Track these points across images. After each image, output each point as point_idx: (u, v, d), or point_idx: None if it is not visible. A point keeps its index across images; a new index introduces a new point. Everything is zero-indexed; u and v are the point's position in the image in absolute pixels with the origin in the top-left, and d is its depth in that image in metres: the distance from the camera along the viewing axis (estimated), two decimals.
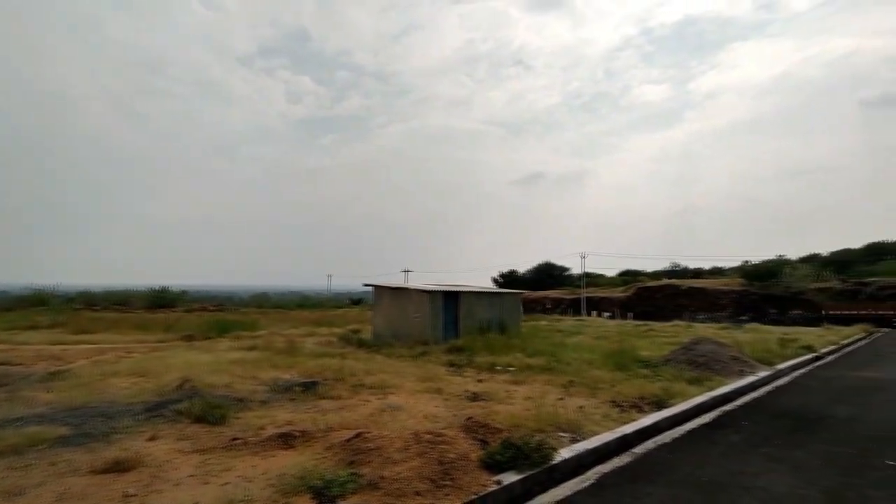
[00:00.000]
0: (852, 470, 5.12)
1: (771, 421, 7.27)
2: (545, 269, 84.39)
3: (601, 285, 72.67)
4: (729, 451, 5.69)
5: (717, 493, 4.39)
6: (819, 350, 16.40)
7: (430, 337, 16.13)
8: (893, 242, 55.69)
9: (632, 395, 8.17)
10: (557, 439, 5.57)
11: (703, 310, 49.83)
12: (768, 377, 11.08)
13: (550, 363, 11.55)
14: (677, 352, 12.74)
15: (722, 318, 42.07)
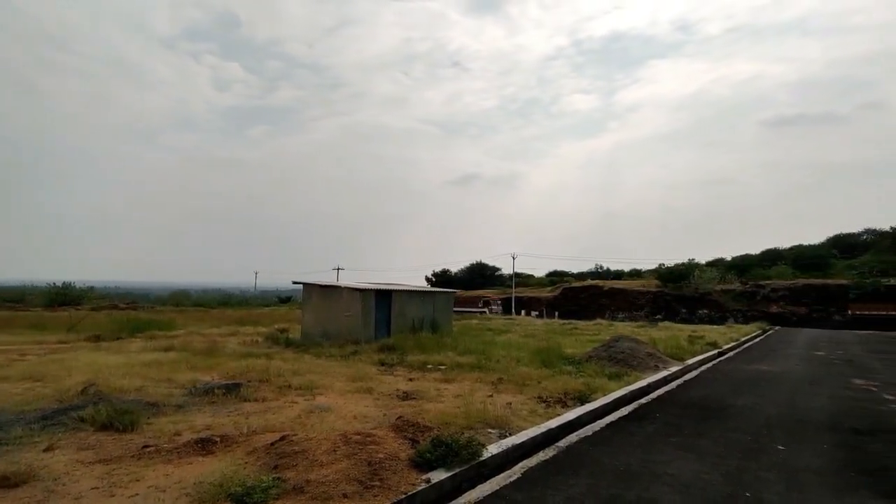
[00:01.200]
0: (749, 455, 5.64)
1: (680, 412, 7.84)
2: (477, 268, 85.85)
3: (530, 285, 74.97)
4: (644, 442, 6.07)
5: (632, 481, 4.66)
6: (722, 346, 17.93)
7: (362, 336, 15.89)
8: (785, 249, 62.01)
9: (557, 391, 8.49)
10: (486, 436, 5.68)
11: (623, 309, 52.87)
12: (679, 371, 11.94)
13: (480, 361, 11.76)
14: (599, 349, 13.41)
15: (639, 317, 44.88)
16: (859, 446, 6.10)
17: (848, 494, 4.50)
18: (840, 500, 4.35)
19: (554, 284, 69.72)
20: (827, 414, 7.88)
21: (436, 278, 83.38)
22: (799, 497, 4.40)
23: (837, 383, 11.05)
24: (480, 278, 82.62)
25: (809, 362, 14.97)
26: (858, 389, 10.30)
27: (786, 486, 4.67)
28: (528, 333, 21.75)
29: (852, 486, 4.72)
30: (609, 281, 65.53)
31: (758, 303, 46.73)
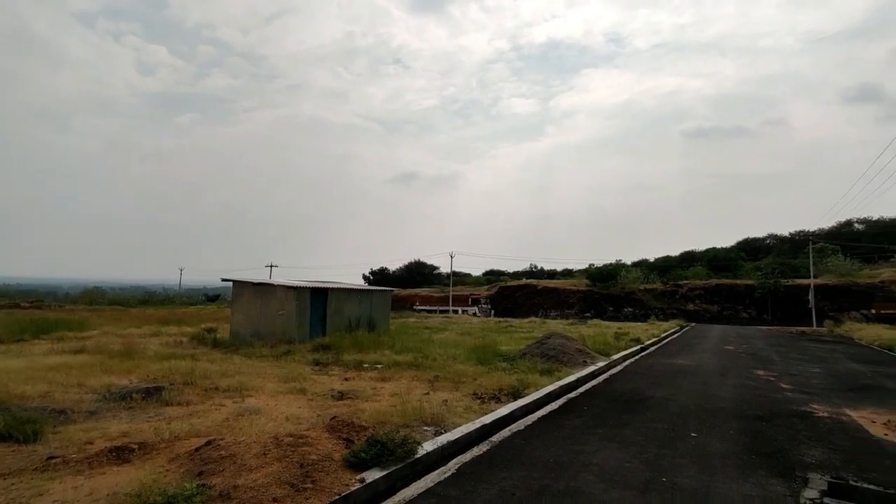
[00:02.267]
0: (666, 442, 6.05)
1: (606, 405, 8.27)
2: (416, 267, 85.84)
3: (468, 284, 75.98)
4: (572, 434, 6.35)
5: (561, 472, 4.87)
6: (645, 342, 19.08)
7: (296, 335, 15.44)
8: (701, 251, 66.92)
9: (492, 388, 8.69)
10: (422, 433, 5.71)
11: (556, 307, 54.86)
12: (605, 366, 12.58)
13: (418, 359, 11.79)
14: (532, 346, 13.86)
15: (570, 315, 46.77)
16: (760, 431, 6.73)
17: (750, 475, 4.95)
18: (743, 480, 4.78)
19: (491, 283, 71.06)
20: (733, 403, 8.62)
21: (373, 276, 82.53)
22: (708, 479, 4.78)
23: (743, 374, 12.10)
24: (419, 277, 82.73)
25: (720, 356, 16.28)
26: (760, 380, 11.34)
27: (697, 469, 5.06)
28: (465, 331, 22.05)
29: (753, 466, 5.19)
30: (543, 280, 67.75)
31: (676, 301, 50.11)
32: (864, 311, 38.92)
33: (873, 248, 48.92)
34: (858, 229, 59.15)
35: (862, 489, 4.58)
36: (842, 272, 45.49)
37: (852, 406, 8.51)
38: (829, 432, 6.77)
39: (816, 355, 16.96)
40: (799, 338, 25.75)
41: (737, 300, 47.78)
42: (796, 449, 5.91)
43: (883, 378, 11.93)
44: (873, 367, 14.17)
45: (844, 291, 42.31)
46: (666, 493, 4.39)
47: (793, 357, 16.24)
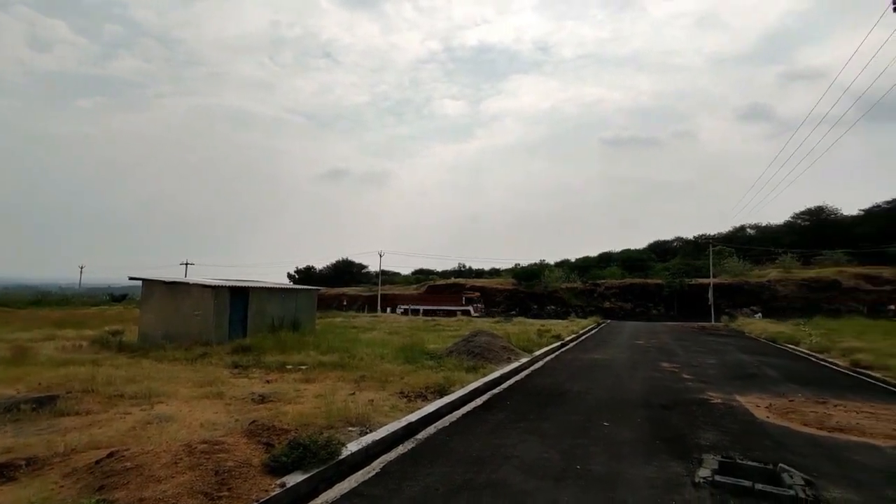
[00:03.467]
0: (581, 433, 6.42)
1: (527, 399, 8.61)
2: (344, 266, 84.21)
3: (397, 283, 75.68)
4: (495, 429, 6.56)
5: (483, 466, 5.02)
6: (565, 338, 20.03)
7: (213, 337, 14.63)
8: (617, 252, 71.26)
9: (418, 386, 8.75)
10: (347, 434, 5.65)
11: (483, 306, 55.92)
12: (528, 362, 13.06)
13: (344, 360, 11.60)
14: (459, 344, 14.09)
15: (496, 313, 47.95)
16: (663, 419, 7.32)
17: (653, 459, 5.38)
18: (647, 464, 5.19)
19: (420, 282, 71.26)
20: (642, 393, 9.29)
21: (299, 275, 79.95)
22: (617, 465, 5.14)
23: (650, 367, 13.06)
24: (347, 275, 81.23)
25: (631, 350, 17.45)
26: (665, 371, 12.30)
27: (608, 457, 5.42)
28: (393, 330, 21.98)
29: (656, 451, 5.65)
30: (471, 279, 68.97)
31: (595, 299, 53.00)
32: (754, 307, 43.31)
33: (762, 251, 54.60)
34: (750, 234, 65.66)
35: (746, 466, 5.13)
36: (736, 272, 50.32)
37: (741, 392, 9.48)
38: (721, 417, 7.50)
39: (713, 348, 18.66)
40: (699, 332, 28.18)
41: (648, 298, 51.38)
42: (694, 433, 6.50)
43: (766, 367, 13.38)
44: (759, 357, 15.85)
45: (738, 290, 46.82)
46: (579, 480, 4.67)
47: (694, 350, 17.75)
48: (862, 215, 56.89)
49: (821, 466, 5.31)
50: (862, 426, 7.10)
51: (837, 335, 19.81)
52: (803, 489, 4.50)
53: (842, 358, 14.62)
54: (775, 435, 6.57)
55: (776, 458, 5.40)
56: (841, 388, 10.33)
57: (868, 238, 49.49)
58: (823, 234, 55.33)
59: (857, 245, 49.23)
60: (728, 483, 4.63)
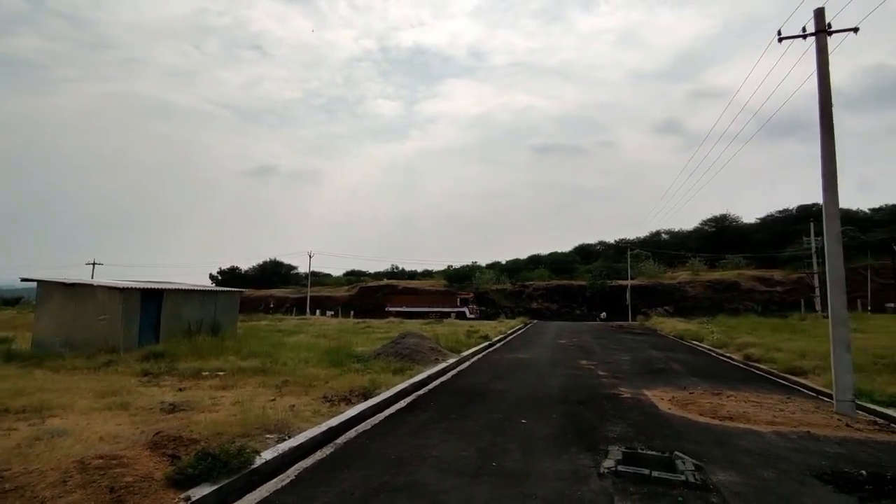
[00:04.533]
0: (499, 430, 6.63)
1: (451, 399, 8.76)
2: (271, 266, 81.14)
3: (327, 284, 74.02)
4: (416, 430, 6.62)
5: (402, 467, 5.07)
6: (492, 338, 20.55)
7: (121, 343, 13.59)
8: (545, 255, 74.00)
9: (343, 389, 8.64)
10: (263, 441, 5.49)
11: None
12: (455, 363, 13.28)
13: (266, 364, 11.20)
14: (387, 346, 14.06)
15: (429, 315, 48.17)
16: (578, 414, 7.73)
17: (564, 452, 5.67)
18: (558, 458, 5.46)
19: (351, 284, 70.13)
20: (559, 390, 9.75)
21: (222, 276, 76.09)
22: (530, 460, 5.37)
23: (570, 365, 13.72)
24: (275, 277, 78.33)
25: (554, 349, 18.22)
26: (583, 369, 12.97)
27: (523, 452, 5.65)
28: (321, 333, 21.50)
29: (568, 445, 5.96)
30: (404, 281, 68.89)
31: (523, 300, 54.73)
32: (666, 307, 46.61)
33: (674, 255, 58.91)
34: (665, 238, 70.60)
35: (646, 455, 5.54)
36: (651, 274, 53.96)
37: (649, 387, 10.20)
38: (629, 410, 8.04)
39: (629, 346, 19.91)
40: (617, 331, 29.92)
41: (572, 299, 53.81)
42: (603, 426, 6.92)
43: (673, 362, 14.48)
44: (668, 353, 17.12)
45: (653, 290, 50.21)
46: (493, 477, 4.84)
47: (611, 348, 18.84)
48: (758, 223, 62.93)
49: (711, 452, 5.83)
50: (748, 414, 7.88)
51: (735, 332, 21.79)
52: (693, 474, 4.95)
53: (737, 353, 16.10)
54: (675, 425, 7.14)
55: (674, 447, 5.88)
56: (735, 381, 11.39)
57: (763, 244, 54.85)
58: (726, 240, 60.64)
59: (755, 250, 54.41)
60: (629, 472, 4.99)
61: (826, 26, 9.21)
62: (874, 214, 55.43)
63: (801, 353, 13.57)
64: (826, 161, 8.85)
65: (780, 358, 13.39)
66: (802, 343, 16.08)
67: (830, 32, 9.21)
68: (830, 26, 9.23)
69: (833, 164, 8.82)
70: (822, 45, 9.19)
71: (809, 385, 10.58)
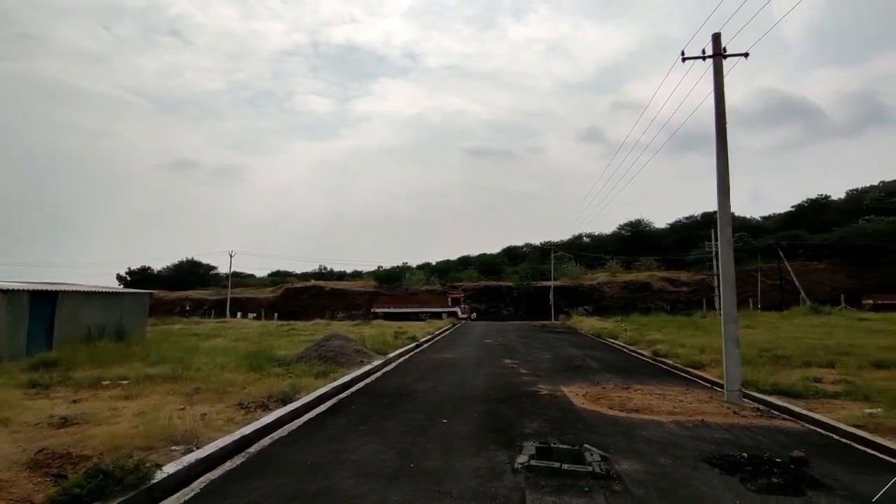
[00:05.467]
0: (420, 431, 6.67)
1: (374, 401, 8.70)
2: (188, 267, 76.35)
3: (251, 285, 70.88)
4: (336, 434, 6.51)
5: (317, 474, 4.95)
6: (420, 339, 20.61)
7: (4, 351, 12.20)
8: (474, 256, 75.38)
9: (261, 395, 8.30)
10: (168, 454, 5.15)
11: (344, 309, 55.08)
12: (381, 364, 13.18)
13: (177, 371, 10.51)
14: (310, 349, 13.68)
15: (357, 316, 47.50)
16: (498, 412, 7.94)
17: (482, 450, 5.81)
18: (476, 456, 5.58)
19: (276, 285, 67.57)
20: (483, 389, 9.97)
21: (131, 277, 70.49)
22: (449, 459, 5.44)
23: (494, 364, 14.07)
24: (192, 277, 73.73)
25: (479, 349, 18.61)
26: (506, 367, 13.36)
27: (442, 452, 5.72)
28: (240, 337, 20.51)
29: (486, 443, 6.11)
30: (332, 281, 67.37)
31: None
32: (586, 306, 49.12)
33: (594, 257, 62.22)
34: (586, 241, 74.36)
35: (559, 449, 5.80)
36: (573, 276, 56.64)
37: (566, 383, 10.69)
38: (546, 406, 8.38)
39: (550, 344, 20.76)
40: (540, 330, 31.10)
41: (500, 299, 55.24)
42: (521, 423, 7.17)
43: (589, 359, 15.28)
44: (585, 350, 18.04)
45: (575, 291, 52.70)
46: (411, 478, 4.85)
47: (533, 347, 19.54)
48: (668, 228, 67.92)
49: (617, 443, 6.22)
50: (652, 406, 8.49)
51: (646, 329, 23.38)
52: (600, 465, 5.25)
53: (647, 349, 17.28)
54: (587, 419, 7.54)
55: (585, 440, 6.20)
56: (643, 375, 12.22)
57: (672, 247, 59.30)
58: (641, 243, 64.96)
59: (664, 253, 58.70)
60: (542, 466, 5.20)
61: (722, 50, 10.14)
62: (764, 222, 61.74)
63: (700, 349, 14.79)
64: (721, 172, 9.74)
65: (682, 353, 14.54)
66: (702, 339, 17.54)
67: (725, 56, 10.16)
68: (725, 50, 10.17)
69: (726, 175, 9.73)
70: (718, 67, 10.10)
71: (706, 377, 11.56)
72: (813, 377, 10.44)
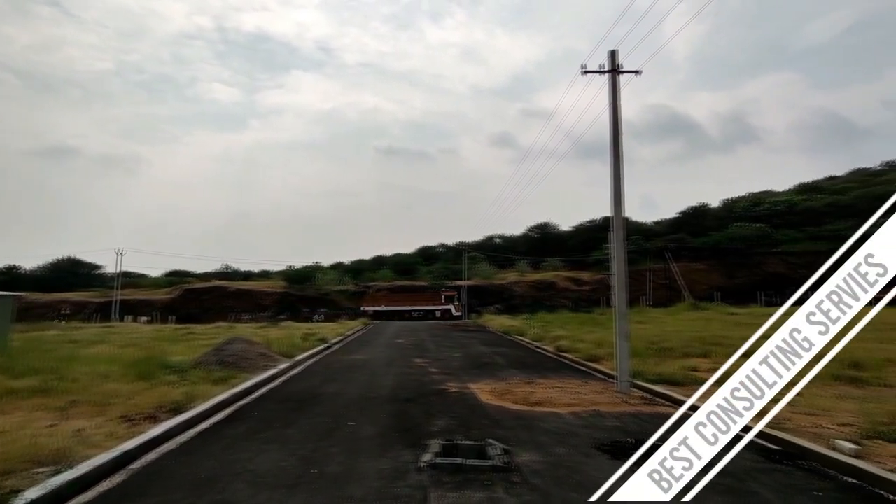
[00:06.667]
0: (325, 435, 6.51)
1: (277, 406, 8.35)
2: (68, 266, 68.36)
3: (143, 286, 65.17)
4: (233, 443, 6.16)
5: (209, 487, 4.65)
6: (330, 341, 20.11)
7: None
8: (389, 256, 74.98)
9: (150, 406, 7.63)
10: (31, 478, 4.57)
11: (249, 310, 52.32)
12: (287, 368, 12.68)
13: (48, 383, 9.34)
14: (209, 354, 12.82)
15: (264, 318, 45.27)
16: (405, 411, 7.96)
17: (388, 451, 5.80)
18: (381, 457, 5.56)
19: (173, 285, 62.56)
20: (392, 389, 9.94)
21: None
22: (353, 462, 5.37)
23: (404, 364, 14.09)
24: (72, 277, 65.99)
25: (390, 349, 18.55)
26: (416, 367, 13.43)
27: (346, 455, 5.62)
28: (129, 343, 18.67)
29: (392, 443, 6.11)
30: (236, 282, 63.67)
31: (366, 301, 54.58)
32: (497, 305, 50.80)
33: (505, 258, 64.54)
34: (498, 242, 76.82)
35: (463, 445, 5.95)
36: (485, 276, 58.33)
37: (474, 380, 10.97)
38: (454, 404, 8.55)
39: (461, 342, 21.19)
40: (453, 329, 31.65)
41: None
42: (428, 422, 7.24)
43: (497, 356, 15.83)
44: (494, 348, 18.65)
45: (486, 290, 54.29)
46: (312, 484, 4.73)
47: (444, 346, 19.84)
48: (573, 230, 72.12)
49: (519, 436, 6.50)
50: (553, 399, 8.97)
51: (551, 326, 24.64)
52: (501, 458, 5.46)
53: (551, 345, 18.21)
54: (492, 414, 7.80)
55: (489, 435, 6.41)
56: (546, 370, 12.87)
57: (576, 249, 63.09)
58: (548, 245, 68.37)
59: (569, 254, 62.31)
60: (446, 463, 5.30)
61: (617, 66, 10.96)
62: (655, 226, 67.59)
63: (598, 343, 15.85)
64: (615, 180, 10.53)
65: (582, 348, 15.51)
66: (600, 334, 18.81)
67: (620, 72, 10.99)
68: (621, 66, 11.01)
69: (620, 183, 10.54)
70: (614, 82, 10.91)
71: (602, 370, 12.43)
72: (691, 367, 11.62)
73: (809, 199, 58.98)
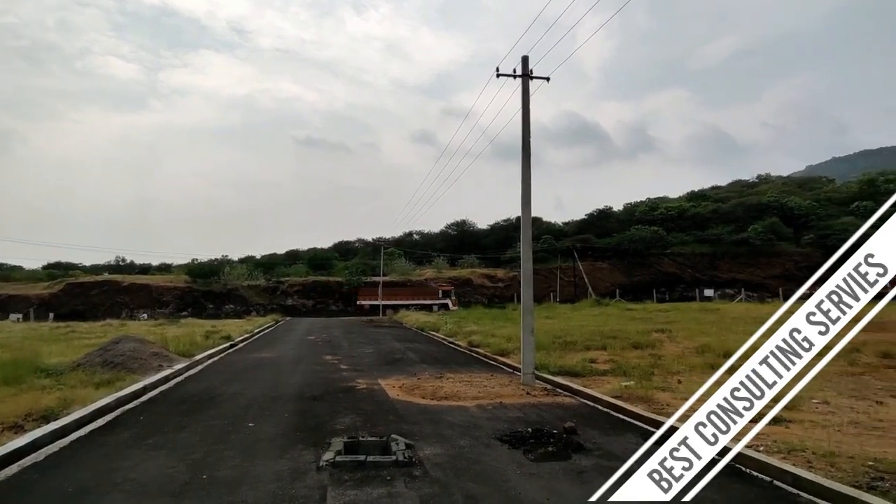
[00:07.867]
0: (221, 438, 6.16)
1: (169, 409, 7.77)
2: None
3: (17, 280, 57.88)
4: (114, 451, 5.64)
5: (77, 501, 4.23)
6: (235, 339, 19.04)
7: None
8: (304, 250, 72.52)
9: (15, 414, 6.79)
10: None
11: (146, 307, 48.32)
12: (184, 368, 11.83)
13: None
14: (93, 354, 11.64)
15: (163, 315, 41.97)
16: (310, 410, 7.75)
17: (288, 452, 5.61)
18: (280, 458, 5.37)
19: (55, 279, 56.05)
20: (297, 388, 9.63)
21: None
22: (249, 465, 5.13)
23: (314, 361, 13.71)
24: None
25: (301, 346, 17.96)
26: (326, 364, 13.13)
27: (242, 458, 5.36)
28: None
29: (293, 443, 5.92)
30: (132, 276, 58.40)
31: (278, 297, 52.48)
32: None
33: (423, 254, 64.90)
34: (416, 239, 77.05)
35: (366, 442, 5.91)
36: (402, 272, 58.26)
37: (384, 376, 10.92)
38: (361, 400, 8.46)
39: (375, 339, 21.01)
40: (367, 325, 31.29)
41: (329, 295, 54.08)
42: (333, 420, 7.11)
43: (410, 352, 15.89)
44: (407, 344, 18.70)
45: (403, 286, 54.23)
46: (201, 490, 4.46)
47: (357, 342, 19.56)
48: (489, 229, 74.11)
49: (424, 430, 6.57)
50: (460, 393, 9.17)
51: (465, 322, 25.14)
52: (404, 453, 5.48)
53: (464, 340, 18.59)
54: (400, 410, 7.81)
55: (395, 430, 6.40)
56: (456, 364, 13.13)
57: (491, 246, 64.91)
58: (465, 242, 69.75)
59: (484, 251, 63.98)
60: (347, 461, 5.23)
61: (529, 72, 11.39)
62: (565, 227, 71.32)
63: (508, 338, 16.42)
64: (525, 181, 10.96)
65: (492, 342, 15.98)
66: (511, 329, 19.51)
67: (531, 77, 11.44)
68: (532, 72, 11.45)
69: (529, 184, 10.98)
70: (525, 87, 11.33)
71: (510, 363, 12.89)
72: (590, 359, 12.40)
73: (697, 205, 65.27)
